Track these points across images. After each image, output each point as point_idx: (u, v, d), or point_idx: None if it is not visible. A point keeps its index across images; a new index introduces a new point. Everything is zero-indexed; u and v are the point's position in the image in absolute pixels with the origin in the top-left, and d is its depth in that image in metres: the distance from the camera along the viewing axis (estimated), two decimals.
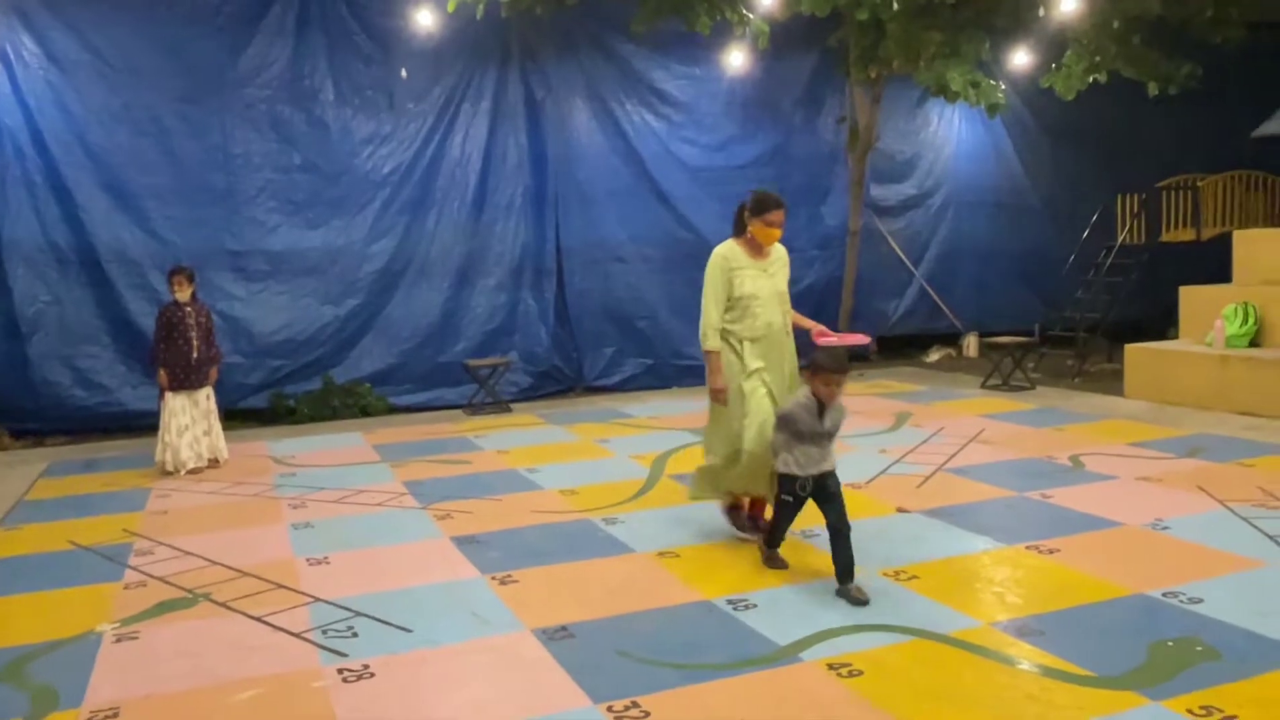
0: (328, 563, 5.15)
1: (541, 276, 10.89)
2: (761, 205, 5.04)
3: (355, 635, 4.16)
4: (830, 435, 4.53)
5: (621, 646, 3.93)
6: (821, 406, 4.45)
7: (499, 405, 9.85)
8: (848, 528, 4.44)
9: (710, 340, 5.06)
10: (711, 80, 11.53)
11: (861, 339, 5.59)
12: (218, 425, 7.62)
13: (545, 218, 10.89)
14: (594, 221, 11.09)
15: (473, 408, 9.82)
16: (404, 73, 10.19)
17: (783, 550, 4.87)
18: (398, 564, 5.11)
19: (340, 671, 3.81)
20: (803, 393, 4.55)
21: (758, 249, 5.11)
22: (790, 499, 4.62)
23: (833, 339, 5.06)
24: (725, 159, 11.66)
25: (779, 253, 5.20)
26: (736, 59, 11.10)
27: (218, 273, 9.45)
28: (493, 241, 10.67)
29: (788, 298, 5.23)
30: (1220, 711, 3.23)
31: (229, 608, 4.55)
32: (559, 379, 10.95)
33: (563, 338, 10.98)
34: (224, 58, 9.49)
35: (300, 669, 3.86)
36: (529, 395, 10.57)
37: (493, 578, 4.81)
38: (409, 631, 4.19)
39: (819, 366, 4.45)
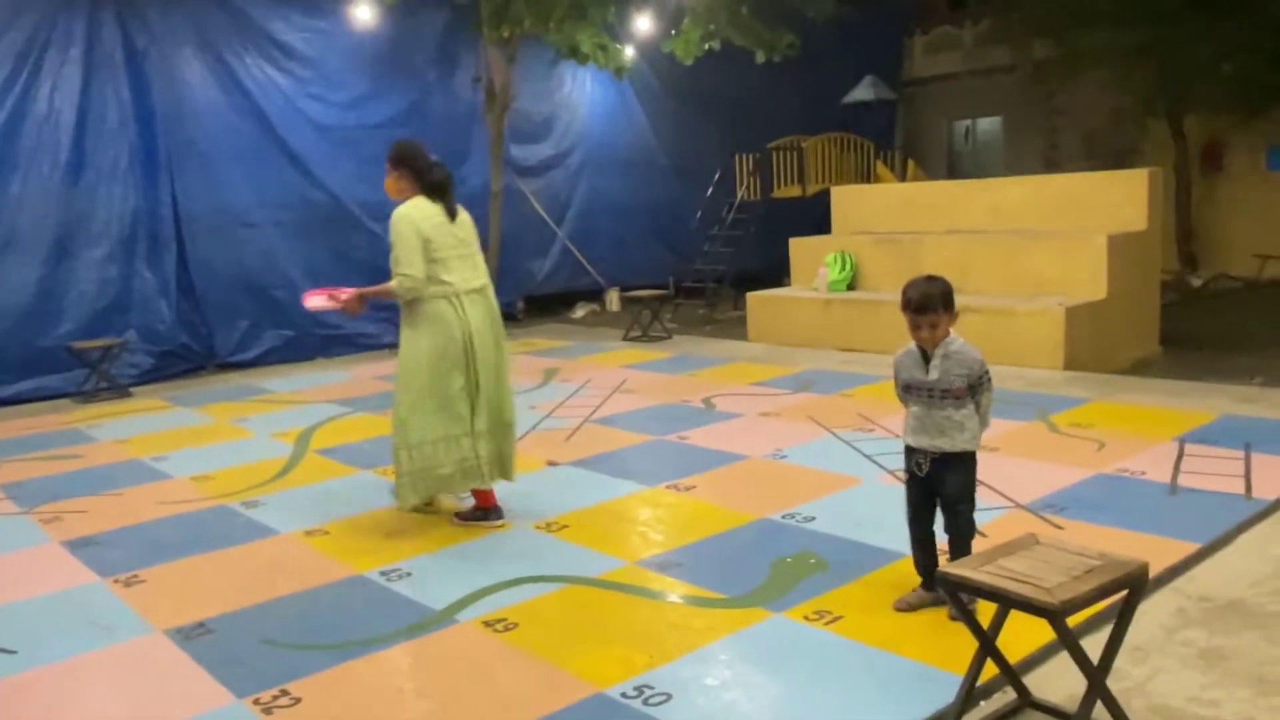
0: None
1: (158, 246, 9.90)
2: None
3: None
4: (938, 392, 3.46)
5: (267, 635, 3.71)
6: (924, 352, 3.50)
7: (116, 390, 8.89)
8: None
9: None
10: (338, 34, 11.00)
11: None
12: None
13: (158, 181, 9.90)
14: (216, 184, 10.24)
15: (84, 395, 8.78)
16: None
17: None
18: None
19: None
20: None
21: None
22: (907, 476, 3.64)
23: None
24: (358, 117, 11.20)
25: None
26: (363, 13, 10.66)
27: None
28: (96, 208, 9.53)
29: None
30: (830, 614, 3.64)
31: None
32: (187, 357, 10.06)
33: (188, 312, 10.08)
34: None
35: None
36: (153, 377, 9.63)
37: (115, 580, 4.35)
38: (12, 653, 3.68)
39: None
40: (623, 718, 3.02)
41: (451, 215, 4.69)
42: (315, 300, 4.96)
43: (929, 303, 3.41)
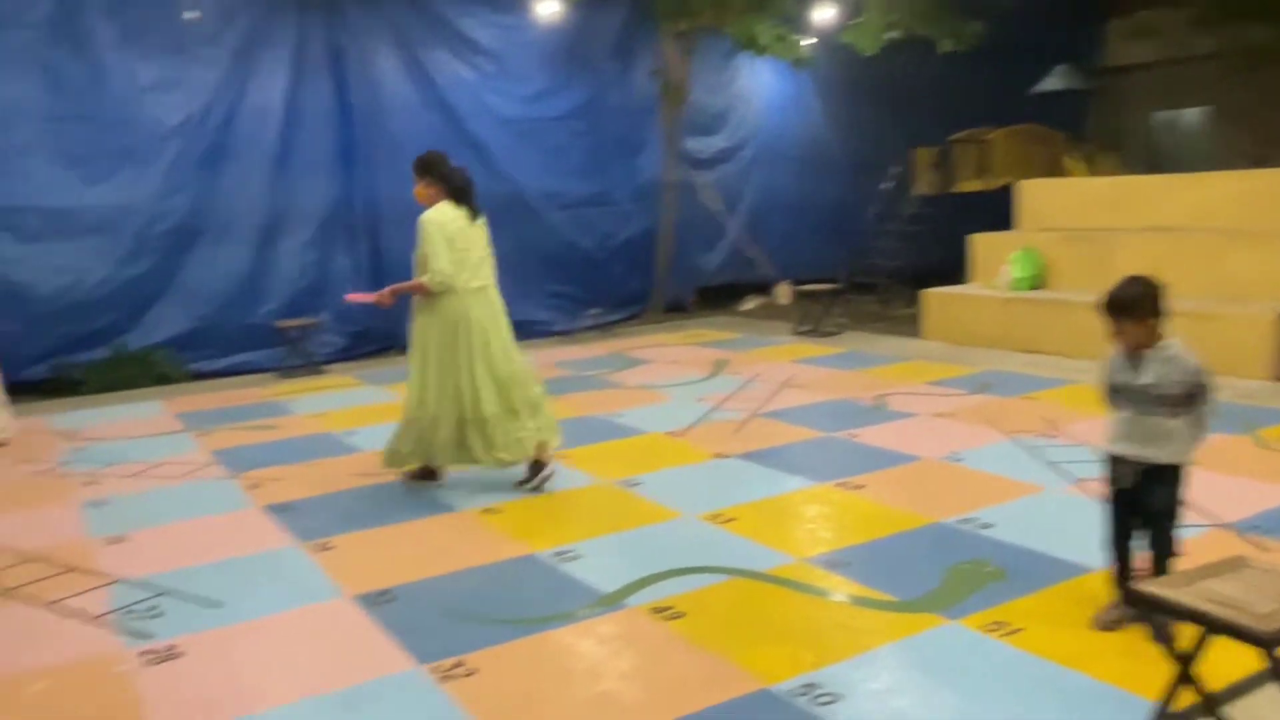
0: (127, 541, 4.84)
1: (352, 233, 10.48)
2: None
3: (160, 615, 3.93)
4: (1151, 397, 3.26)
5: (446, 606, 3.89)
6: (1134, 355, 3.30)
7: (312, 367, 9.48)
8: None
9: None
10: (523, 29, 11.32)
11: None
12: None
13: (354, 172, 10.47)
14: (406, 176, 10.58)
15: (284, 371, 9.40)
16: (191, 14, 9.49)
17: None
18: (206, 537, 4.86)
19: (144, 654, 3.59)
20: None
21: None
22: (1108, 488, 3.44)
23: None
24: (540, 110, 11.51)
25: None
26: (547, 8, 10.94)
27: None
28: (299, 197, 10.17)
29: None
30: (1008, 625, 3.50)
31: (14, 595, 4.20)
32: (375, 339, 10.61)
33: None
34: None
35: (99, 654, 3.62)
36: (345, 356, 10.21)
37: (309, 545, 4.65)
38: (220, 606, 4.00)
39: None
40: (790, 715, 3.00)
41: (474, 216, 5.21)
42: (355, 297, 5.91)
43: (1115, 307, 3.27)
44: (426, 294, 5.16)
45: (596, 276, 11.87)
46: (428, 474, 5.50)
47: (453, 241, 5.07)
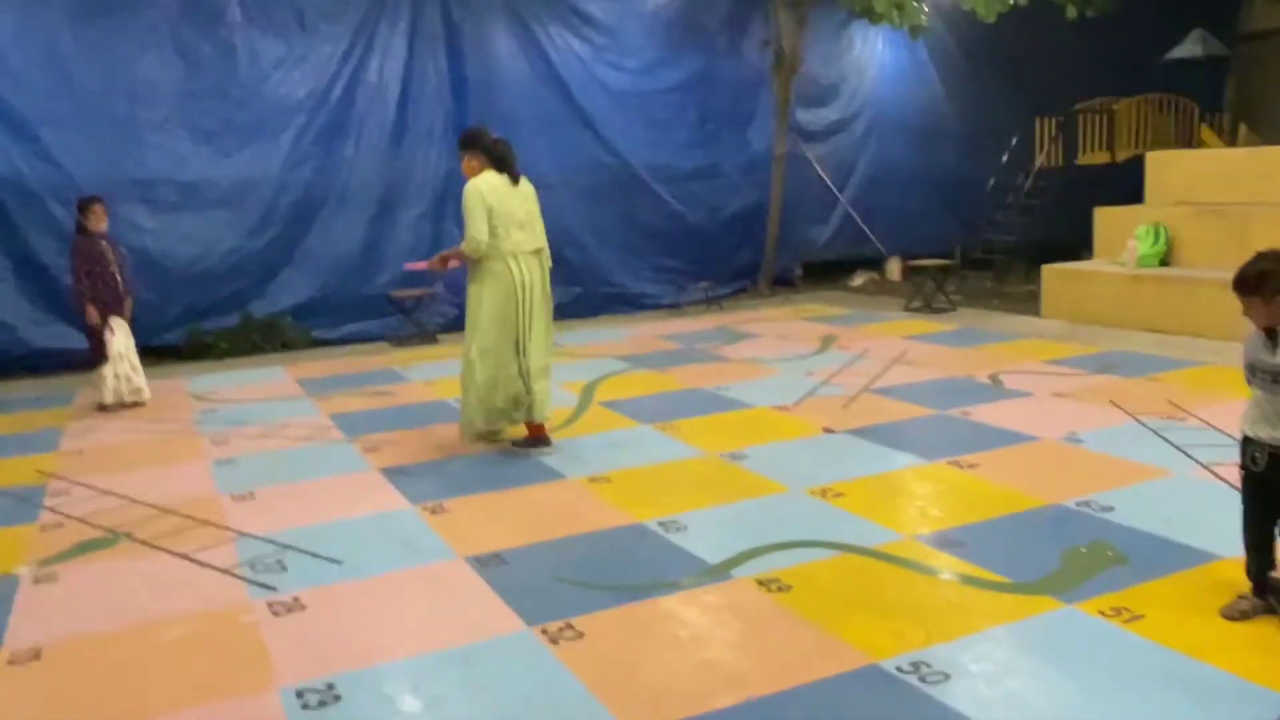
0: (253, 498, 5.07)
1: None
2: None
3: (284, 569, 4.11)
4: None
5: (554, 571, 3.96)
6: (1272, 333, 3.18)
7: (425, 336, 9.73)
8: None
9: None
10: (635, 1, 11.30)
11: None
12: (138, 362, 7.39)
13: None
14: (518, 149, 10.81)
15: (398, 340, 9.68)
16: None
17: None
18: (326, 497, 5.05)
19: (270, 605, 3.77)
20: None
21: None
22: (1242, 472, 3.33)
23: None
24: (650, 83, 11.50)
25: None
26: None
27: (124, 204, 9.05)
28: (414, 170, 10.42)
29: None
30: (1129, 611, 3.38)
31: (152, 546, 4.45)
32: None
33: None
34: None
35: (228, 604, 3.81)
36: (456, 326, 10.40)
37: (423, 508, 4.79)
38: (339, 563, 4.15)
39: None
40: (898, 692, 2.96)
41: (514, 180, 5.46)
42: (413, 265, 6.55)
43: (1241, 284, 3.16)
44: (467, 259, 5.46)
45: (705, 250, 11.83)
46: (536, 441, 5.62)
47: (493, 209, 5.33)
